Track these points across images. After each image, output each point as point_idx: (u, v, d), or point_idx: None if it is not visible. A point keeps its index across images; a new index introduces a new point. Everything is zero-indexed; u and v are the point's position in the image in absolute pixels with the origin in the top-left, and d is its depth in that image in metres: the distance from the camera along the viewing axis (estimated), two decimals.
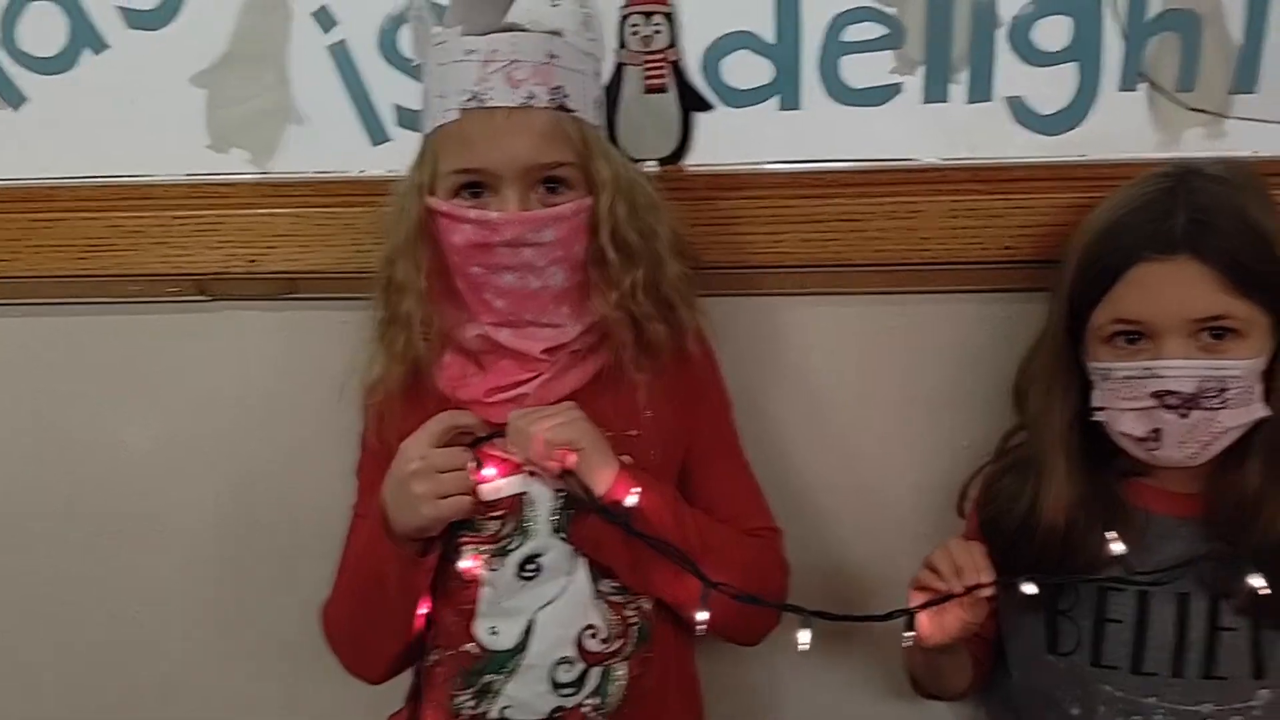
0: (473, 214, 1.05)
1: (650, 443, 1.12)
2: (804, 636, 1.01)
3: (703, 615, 1.02)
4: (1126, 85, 1.27)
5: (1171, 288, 1.05)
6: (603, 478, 1.04)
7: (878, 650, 1.36)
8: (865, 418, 1.33)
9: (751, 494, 1.21)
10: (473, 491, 1.05)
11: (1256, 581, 1.04)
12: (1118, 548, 1.04)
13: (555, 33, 1.07)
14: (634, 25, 1.27)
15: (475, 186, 1.06)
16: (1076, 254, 1.12)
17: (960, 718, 1.39)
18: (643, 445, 1.12)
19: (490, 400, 1.10)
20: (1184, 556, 1.12)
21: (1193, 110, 1.28)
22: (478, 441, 1.07)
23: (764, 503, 1.22)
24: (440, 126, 1.06)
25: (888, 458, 1.33)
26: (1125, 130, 1.27)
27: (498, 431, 1.06)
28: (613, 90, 1.29)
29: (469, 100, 1.03)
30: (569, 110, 1.06)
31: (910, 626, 1.05)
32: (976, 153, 1.28)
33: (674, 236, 1.17)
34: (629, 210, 1.10)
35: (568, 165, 1.07)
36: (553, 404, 1.08)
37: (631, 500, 1.03)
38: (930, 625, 1.06)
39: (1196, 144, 1.28)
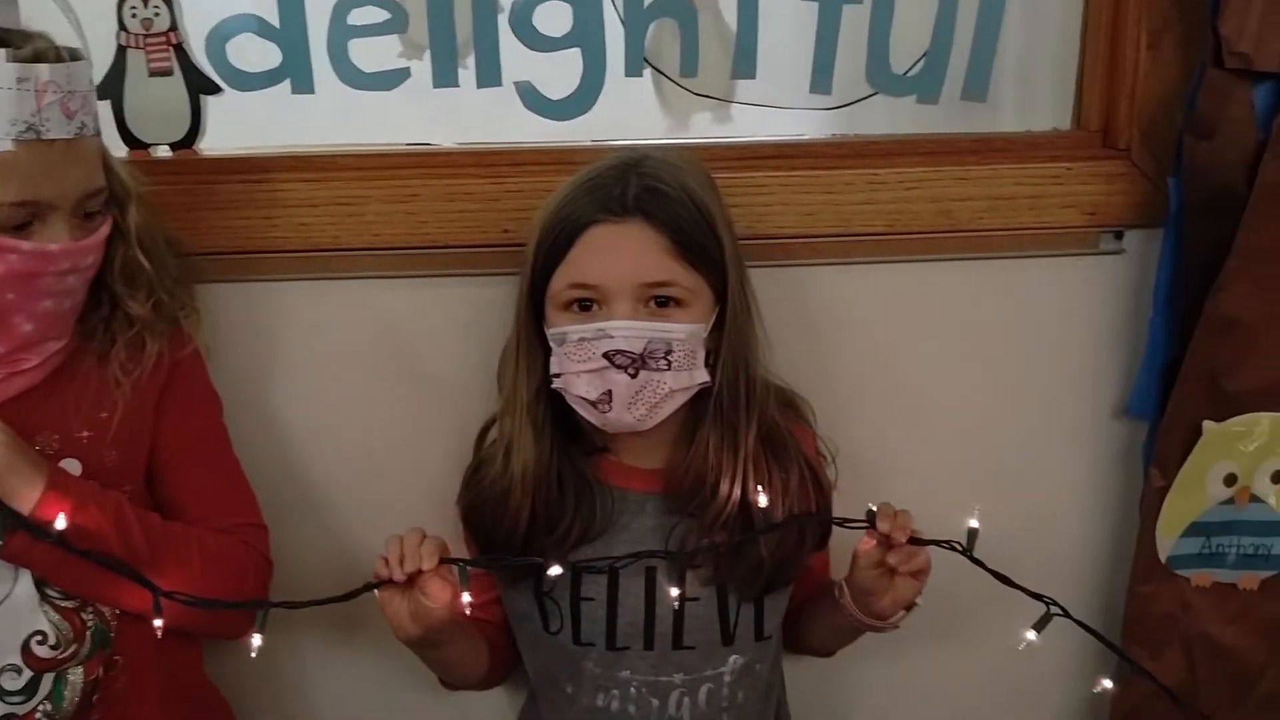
0: (27, 245, 1.01)
1: (108, 444, 1.10)
2: None
3: (158, 622, 0.99)
4: (632, 71, 1.29)
5: (622, 250, 1.08)
6: (25, 498, 1.01)
7: None
8: (369, 402, 1.31)
9: (231, 491, 1.19)
10: None
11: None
12: (554, 571, 1.04)
13: (84, 58, 1.06)
14: (133, 8, 1.24)
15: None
16: (538, 225, 1.13)
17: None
18: (97, 447, 1.10)
19: None
20: (653, 530, 1.16)
21: (698, 95, 1.31)
22: None
23: (247, 499, 1.20)
24: None
25: (396, 442, 1.32)
26: (635, 115, 1.31)
27: None
28: (116, 74, 1.25)
29: (26, 131, 0.99)
30: (99, 134, 1.07)
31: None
32: (492, 138, 1.30)
33: (166, 230, 1.17)
34: (143, 216, 1.12)
35: (106, 189, 1.08)
36: None
37: (60, 523, 0.99)
38: (393, 616, 1.06)
39: (706, 128, 1.33)
